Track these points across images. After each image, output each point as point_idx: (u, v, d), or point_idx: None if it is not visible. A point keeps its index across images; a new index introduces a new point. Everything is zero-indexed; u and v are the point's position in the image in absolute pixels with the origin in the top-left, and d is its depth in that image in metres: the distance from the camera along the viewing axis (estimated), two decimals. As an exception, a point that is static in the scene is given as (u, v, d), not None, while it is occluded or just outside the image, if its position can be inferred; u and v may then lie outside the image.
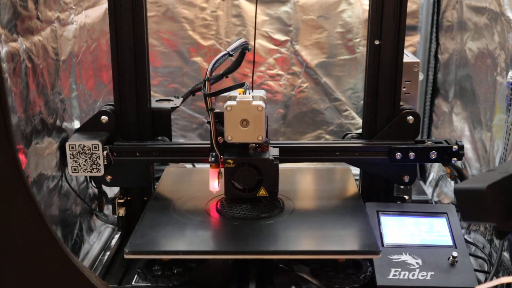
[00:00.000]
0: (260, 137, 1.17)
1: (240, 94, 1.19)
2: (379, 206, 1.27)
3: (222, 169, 1.21)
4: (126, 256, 1.08)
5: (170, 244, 1.13)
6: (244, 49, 1.27)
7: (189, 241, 1.15)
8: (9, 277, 0.86)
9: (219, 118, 1.19)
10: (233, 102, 1.15)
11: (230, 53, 1.21)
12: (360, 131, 1.37)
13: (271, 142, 1.28)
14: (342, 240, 1.14)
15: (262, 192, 1.20)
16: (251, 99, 1.15)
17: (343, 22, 1.84)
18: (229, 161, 1.19)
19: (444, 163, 1.46)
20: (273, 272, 1.20)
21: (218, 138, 1.21)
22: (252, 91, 1.25)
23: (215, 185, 1.23)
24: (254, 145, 1.22)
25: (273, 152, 1.23)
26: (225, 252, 1.13)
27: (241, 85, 1.20)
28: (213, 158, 1.21)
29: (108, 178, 1.31)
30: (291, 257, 1.15)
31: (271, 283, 1.17)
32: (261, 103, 1.15)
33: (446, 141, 1.30)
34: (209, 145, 1.27)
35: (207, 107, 1.18)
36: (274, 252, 1.11)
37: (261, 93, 1.24)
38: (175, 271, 1.11)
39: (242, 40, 1.27)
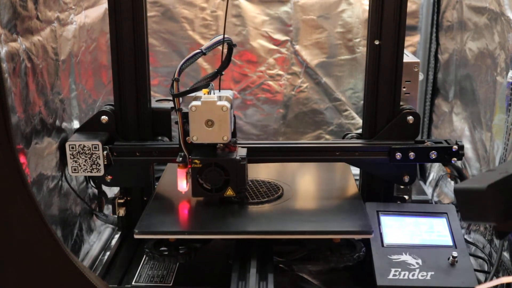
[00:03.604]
0: (225, 137, 1.17)
1: (205, 94, 1.20)
2: (379, 206, 1.27)
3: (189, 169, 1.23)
4: (136, 236, 1.14)
5: (176, 225, 1.20)
6: (229, 45, 1.26)
7: (194, 223, 1.22)
8: (9, 277, 0.86)
9: (186, 118, 1.20)
10: (198, 103, 1.17)
11: (204, 51, 1.21)
12: (360, 131, 1.37)
13: (271, 142, 1.29)
14: (338, 222, 1.20)
15: (229, 192, 1.21)
16: (216, 100, 1.16)
17: (343, 22, 1.84)
18: (196, 161, 1.20)
19: (444, 163, 1.46)
20: (273, 251, 1.25)
21: (186, 138, 1.22)
22: (219, 91, 1.25)
23: (183, 185, 1.24)
24: (222, 145, 1.23)
25: (241, 152, 1.24)
26: (227, 233, 1.18)
27: (206, 85, 1.20)
28: (180, 158, 1.22)
29: (108, 178, 1.31)
30: (290, 237, 1.21)
31: (270, 261, 1.20)
32: (226, 103, 1.16)
33: (446, 141, 1.30)
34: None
35: (175, 107, 1.19)
36: (274, 233, 1.17)
37: (228, 93, 1.25)
38: (181, 251, 1.17)
39: (220, 37, 1.25)
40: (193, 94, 1.21)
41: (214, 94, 1.21)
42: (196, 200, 1.27)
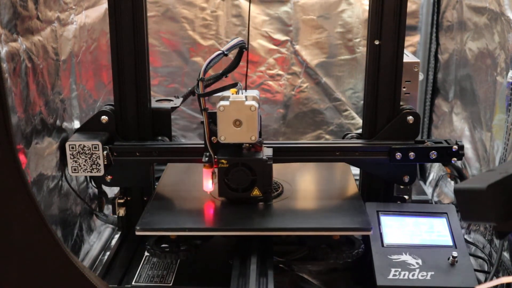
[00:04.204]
0: (253, 137, 1.17)
1: (233, 94, 1.20)
2: (379, 206, 1.27)
3: (216, 169, 1.23)
4: (137, 233, 1.15)
5: (177, 222, 1.19)
6: (241, 48, 1.27)
7: (195, 220, 1.22)
8: (9, 277, 0.86)
9: (212, 118, 1.20)
10: (226, 102, 1.16)
11: (225, 52, 1.21)
12: (360, 131, 1.37)
13: (271, 142, 1.29)
14: (337, 219, 1.20)
15: (256, 192, 1.22)
16: (244, 99, 1.16)
17: (343, 22, 1.84)
18: (223, 161, 1.20)
19: (444, 163, 1.46)
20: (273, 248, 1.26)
21: (212, 138, 1.22)
22: (246, 91, 1.25)
23: (209, 185, 1.24)
24: (247, 145, 1.23)
25: (267, 152, 1.24)
26: (228, 229, 1.19)
27: (234, 85, 1.20)
28: (206, 158, 1.22)
29: (108, 178, 1.31)
30: (290, 234, 1.23)
31: (270, 258, 1.20)
32: (254, 103, 1.16)
33: (446, 141, 1.30)
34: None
35: (200, 107, 1.19)
36: (274, 229, 1.18)
37: (254, 93, 1.24)
38: (182, 248, 1.18)
39: (238, 39, 1.26)
40: (219, 94, 1.21)
41: (242, 94, 1.21)
42: (197, 199, 1.27)
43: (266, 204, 1.25)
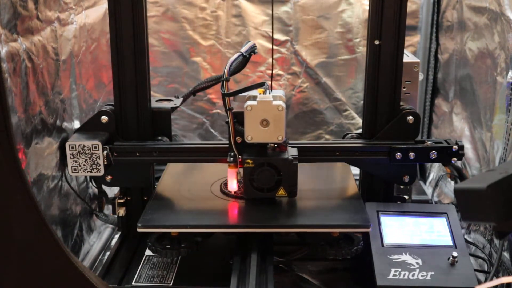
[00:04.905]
0: (280, 137, 1.18)
1: (260, 94, 1.20)
2: (379, 206, 1.27)
3: (240, 169, 1.23)
4: (139, 230, 1.16)
5: (178, 219, 1.20)
6: (252, 52, 1.27)
7: (196, 217, 1.22)
8: (9, 277, 0.86)
9: (237, 118, 1.20)
10: (254, 102, 1.16)
11: (244, 54, 1.23)
12: (360, 131, 1.37)
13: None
14: (337, 216, 1.21)
15: (281, 192, 1.22)
16: (271, 99, 1.16)
17: (343, 22, 1.84)
18: (248, 161, 1.20)
19: (444, 163, 1.46)
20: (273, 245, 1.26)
21: (237, 138, 1.22)
22: (272, 91, 1.26)
23: (234, 185, 1.25)
24: (272, 145, 1.23)
25: (292, 152, 1.24)
26: (228, 226, 1.21)
27: (260, 84, 1.20)
28: (231, 158, 1.22)
29: (108, 178, 1.31)
30: (290, 230, 1.22)
31: (270, 255, 1.21)
32: (281, 103, 1.16)
33: (446, 141, 1.30)
34: (209, 145, 1.29)
35: (225, 107, 1.20)
36: (274, 226, 1.19)
37: (280, 93, 1.25)
38: (183, 245, 1.19)
39: (252, 43, 1.28)
40: (244, 94, 1.21)
41: (269, 94, 1.21)
42: (197, 197, 1.28)
43: (266, 203, 1.25)
